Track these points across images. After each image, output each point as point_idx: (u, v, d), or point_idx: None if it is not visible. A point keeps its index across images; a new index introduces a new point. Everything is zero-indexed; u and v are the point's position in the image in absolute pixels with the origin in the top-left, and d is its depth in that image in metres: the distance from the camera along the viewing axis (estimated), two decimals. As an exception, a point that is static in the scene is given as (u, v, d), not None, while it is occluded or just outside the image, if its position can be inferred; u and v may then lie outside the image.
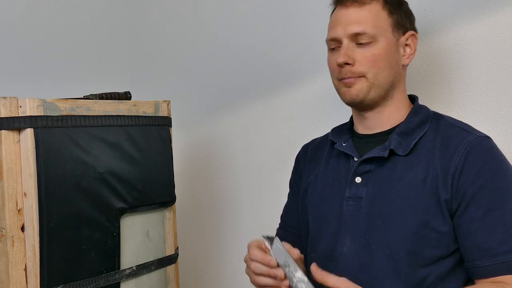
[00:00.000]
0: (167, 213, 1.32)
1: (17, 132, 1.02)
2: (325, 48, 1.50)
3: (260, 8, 1.64)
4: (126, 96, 1.30)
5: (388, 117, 1.05)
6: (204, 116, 1.83)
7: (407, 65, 1.05)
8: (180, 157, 1.79)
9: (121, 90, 1.32)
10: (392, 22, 1.01)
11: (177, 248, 1.36)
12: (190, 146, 1.86)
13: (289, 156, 1.61)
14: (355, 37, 1.00)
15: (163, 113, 1.30)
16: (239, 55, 1.71)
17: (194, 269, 1.87)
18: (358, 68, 1.00)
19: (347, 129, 1.12)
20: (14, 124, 1.02)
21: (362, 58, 1.00)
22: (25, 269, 1.03)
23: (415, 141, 0.99)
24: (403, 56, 1.03)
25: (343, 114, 1.49)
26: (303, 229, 1.15)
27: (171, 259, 1.32)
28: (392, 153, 1.00)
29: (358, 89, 1.01)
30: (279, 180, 1.64)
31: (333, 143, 1.11)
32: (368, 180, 1.01)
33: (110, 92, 1.28)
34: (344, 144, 1.08)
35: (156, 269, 1.27)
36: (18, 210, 1.02)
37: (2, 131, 1.01)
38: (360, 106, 1.05)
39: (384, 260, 0.96)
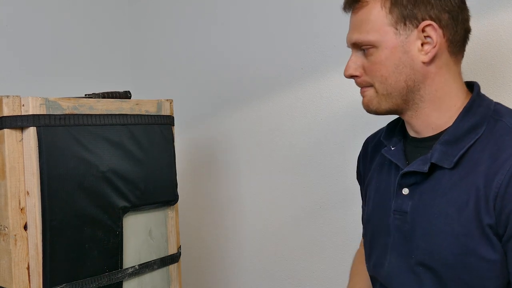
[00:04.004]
0: (170, 212, 1.32)
1: (20, 131, 1.02)
2: (328, 47, 1.51)
3: (264, 7, 1.64)
4: (126, 95, 1.29)
5: (427, 121, 0.90)
6: (207, 115, 1.82)
7: (429, 61, 0.87)
8: (183, 156, 1.79)
9: (123, 89, 1.32)
10: (395, 20, 0.87)
11: (180, 247, 1.35)
12: (193, 145, 1.86)
13: (292, 156, 1.61)
14: (357, 46, 0.91)
15: (165, 112, 1.30)
16: (243, 55, 1.70)
17: (197, 268, 1.87)
18: (365, 78, 0.92)
19: (400, 127, 0.99)
20: (17, 122, 1.01)
21: (367, 67, 0.91)
22: (28, 268, 1.02)
23: (462, 151, 0.85)
24: (421, 52, 0.86)
25: (347, 113, 1.48)
26: None
27: (173, 258, 1.32)
28: (435, 165, 0.87)
29: (368, 99, 0.92)
30: (282, 179, 1.63)
31: (380, 143, 1.01)
32: (415, 192, 0.90)
33: (111, 91, 1.28)
34: (392, 148, 0.96)
35: (158, 268, 1.27)
36: (21, 209, 1.02)
37: (5, 129, 1.01)
38: (384, 114, 0.94)
39: (432, 285, 0.87)
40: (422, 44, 0.86)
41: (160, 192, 1.27)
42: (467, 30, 0.90)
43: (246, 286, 1.75)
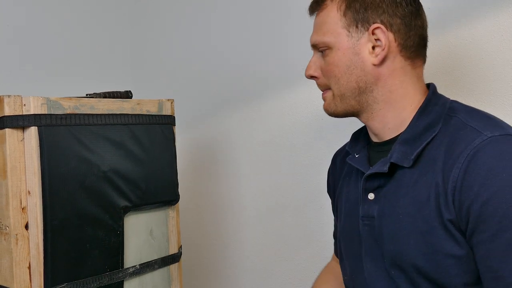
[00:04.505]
0: (171, 212, 1.32)
1: (21, 130, 1.02)
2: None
3: (264, 6, 1.64)
4: (127, 95, 1.29)
5: (384, 121, 0.92)
6: (207, 115, 1.82)
7: (379, 63, 0.90)
8: (183, 156, 1.79)
9: (123, 89, 1.32)
10: (347, 23, 0.90)
11: (181, 246, 1.36)
12: (193, 145, 1.86)
13: (292, 157, 1.61)
14: (316, 47, 0.95)
15: (166, 112, 1.30)
16: (243, 54, 1.71)
17: (197, 268, 1.87)
18: (323, 80, 0.96)
19: (363, 135, 1.02)
20: (18, 122, 1.01)
21: (323, 68, 0.94)
22: (29, 267, 1.02)
23: (419, 149, 0.86)
24: (372, 54, 0.89)
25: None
26: None
27: (174, 258, 1.32)
28: (396, 165, 0.88)
29: (328, 102, 0.96)
30: (283, 179, 1.64)
31: (348, 154, 1.02)
32: (380, 195, 0.91)
33: (112, 91, 1.28)
34: (356, 156, 0.98)
35: (159, 267, 1.27)
36: (22, 208, 1.02)
37: (6, 129, 1.01)
38: (343, 117, 0.97)
39: (408, 287, 0.87)
40: (373, 48, 0.89)
41: (161, 192, 1.27)
42: (422, 37, 0.92)
43: (246, 286, 1.75)
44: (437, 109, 0.89)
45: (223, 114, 1.77)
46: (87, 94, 1.22)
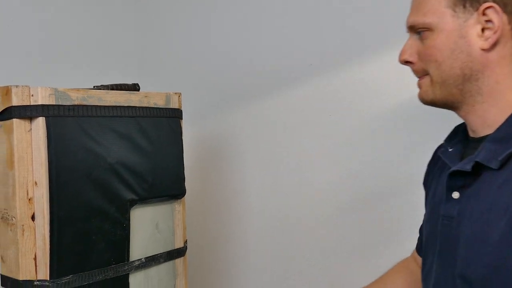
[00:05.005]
0: (177, 206, 1.32)
1: (29, 121, 1.02)
2: (337, 43, 1.50)
3: (273, 2, 1.63)
4: (135, 87, 1.29)
5: (484, 117, 0.83)
6: (214, 110, 1.82)
7: (490, 48, 0.80)
8: (189, 151, 1.79)
9: (130, 81, 1.31)
10: (453, 1, 0.80)
11: (186, 241, 1.35)
12: (199, 140, 1.86)
13: (298, 152, 1.60)
14: (413, 29, 0.85)
15: (174, 105, 1.30)
16: (251, 50, 1.70)
17: (202, 262, 1.86)
18: (420, 65, 0.86)
19: (463, 129, 0.92)
20: (26, 112, 1.01)
21: (422, 52, 0.85)
22: (35, 258, 1.02)
23: (510, 150, 0.76)
24: (481, 37, 0.79)
25: (355, 110, 1.47)
26: None
27: (180, 252, 1.32)
28: (483, 165, 0.79)
29: (424, 89, 0.86)
30: (289, 176, 1.63)
31: (442, 147, 0.95)
32: (464, 196, 0.82)
33: (120, 84, 1.27)
34: (450, 150, 0.90)
35: (165, 261, 1.27)
36: (29, 199, 1.02)
37: (14, 119, 1.00)
38: (441, 107, 0.88)
39: None
40: (482, 30, 0.79)
41: (168, 185, 1.27)
42: None
43: (251, 281, 1.75)
44: None
45: (229, 109, 1.77)
46: (94, 86, 1.21)
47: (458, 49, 0.81)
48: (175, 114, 1.30)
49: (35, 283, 1.01)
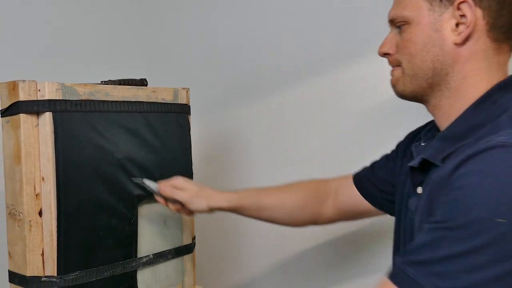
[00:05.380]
0: (185, 202, 1.31)
1: (36, 116, 1.01)
2: (347, 38, 1.48)
3: (281, -4, 1.62)
4: (142, 83, 1.28)
5: (449, 112, 0.83)
6: (222, 105, 1.81)
7: (462, 42, 0.80)
8: (198, 146, 1.78)
9: (138, 77, 1.30)
10: None
11: (194, 237, 1.34)
12: (208, 135, 1.85)
13: (307, 148, 1.59)
14: (393, 22, 0.87)
15: (182, 100, 1.28)
16: (260, 45, 1.68)
17: (210, 259, 1.86)
18: (395, 56, 0.87)
19: (434, 124, 0.93)
20: (33, 107, 1.00)
21: (399, 45, 0.86)
22: (42, 254, 1.02)
23: (450, 150, 0.77)
24: (454, 32, 0.79)
25: (364, 106, 1.46)
26: None
27: (188, 248, 1.31)
28: (429, 162, 0.80)
29: (395, 78, 0.88)
30: (297, 172, 1.61)
31: (417, 140, 0.95)
32: (425, 190, 0.83)
33: (127, 79, 1.26)
34: (422, 145, 0.89)
35: (172, 258, 1.26)
36: (36, 195, 1.01)
37: (21, 114, 0.99)
38: (411, 100, 0.89)
39: None
40: (457, 25, 0.80)
41: (176, 181, 1.26)
42: None
43: (259, 278, 1.74)
44: (492, 110, 0.77)
45: (237, 105, 1.75)
46: (101, 81, 1.20)
47: (431, 43, 0.81)
48: (183, 110, 1.29)
49: (42, 279, 1.01)
